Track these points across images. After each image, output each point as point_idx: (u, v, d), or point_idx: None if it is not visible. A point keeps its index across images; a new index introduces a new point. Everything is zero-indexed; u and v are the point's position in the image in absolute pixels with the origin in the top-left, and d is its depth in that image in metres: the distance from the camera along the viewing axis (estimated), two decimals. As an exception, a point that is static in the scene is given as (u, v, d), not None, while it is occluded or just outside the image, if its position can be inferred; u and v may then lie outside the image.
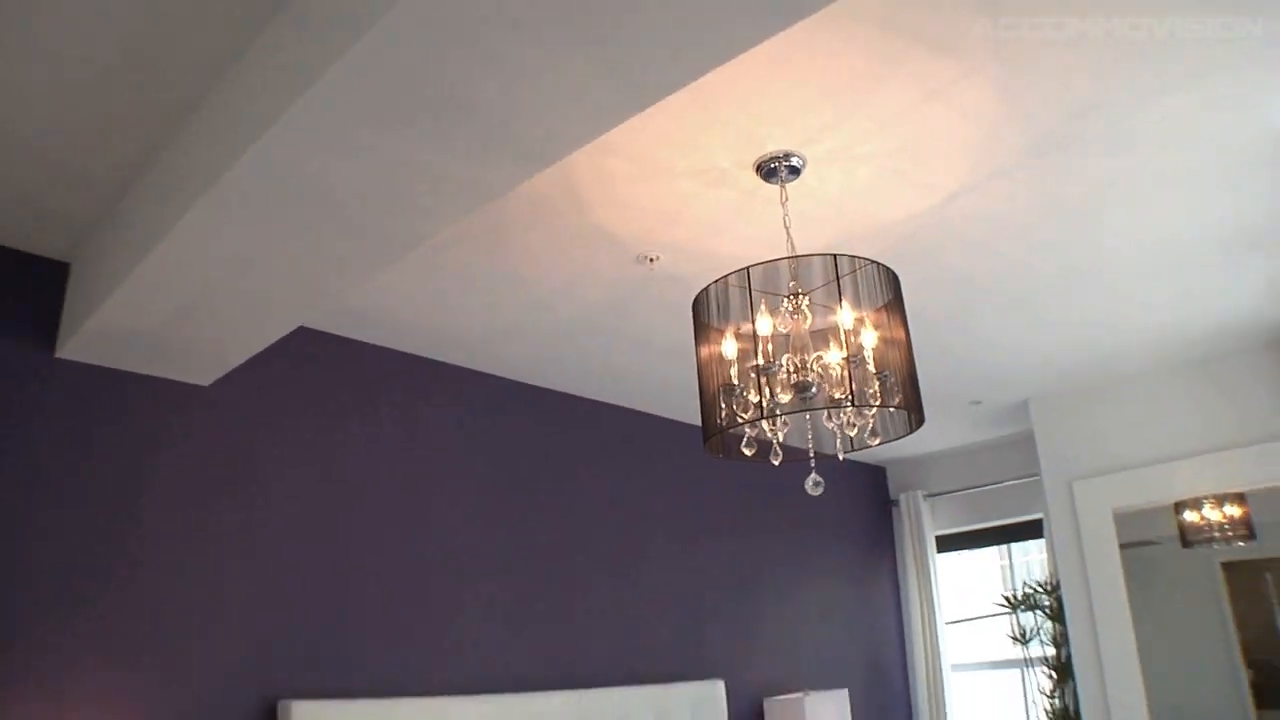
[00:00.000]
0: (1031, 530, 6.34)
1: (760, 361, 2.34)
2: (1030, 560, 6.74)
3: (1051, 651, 5.81)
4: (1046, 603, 5.88)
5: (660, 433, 5.08)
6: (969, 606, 6.74)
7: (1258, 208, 3.13)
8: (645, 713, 4.31)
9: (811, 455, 2.47)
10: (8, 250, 2.94)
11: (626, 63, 1.64)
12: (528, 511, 4.27)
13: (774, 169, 2.56)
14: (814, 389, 2.31)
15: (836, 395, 2.28)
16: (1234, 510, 5.17)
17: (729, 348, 2.42)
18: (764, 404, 2.32)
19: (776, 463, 2.43)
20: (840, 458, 2.47)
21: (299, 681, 3.34)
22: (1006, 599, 6.14)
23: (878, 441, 2.43)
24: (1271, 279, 3.77)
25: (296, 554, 3.43)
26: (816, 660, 5.68)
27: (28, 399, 2.87)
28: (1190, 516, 5.31)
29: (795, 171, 2.58)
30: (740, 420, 2.34)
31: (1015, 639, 6.03)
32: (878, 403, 2.30)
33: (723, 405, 2.39)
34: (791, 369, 2.32)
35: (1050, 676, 5.77)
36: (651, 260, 3.15)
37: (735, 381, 2.39)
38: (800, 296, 2.35)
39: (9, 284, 2.92)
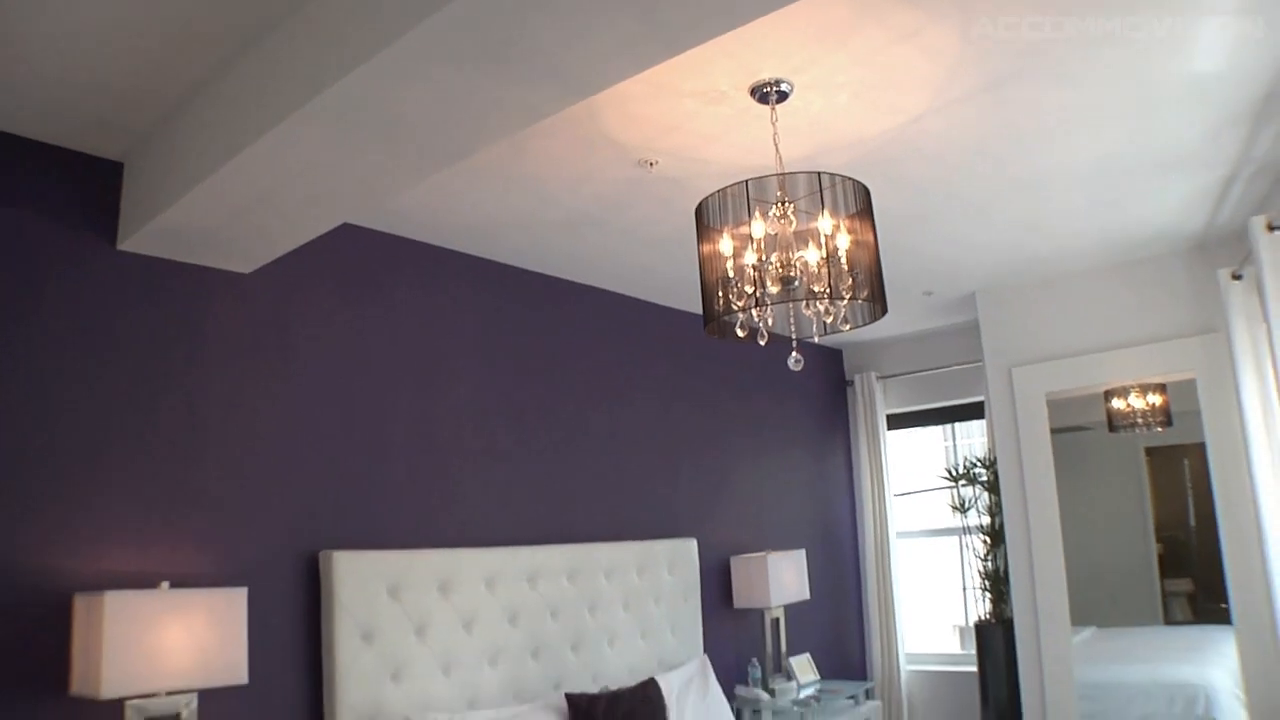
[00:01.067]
0: (973, 411, 6.66)
1: (754, 259, 2.70)
2: (972, 441, 7.02)
3: (986, 520, 6.17)
4: (984, 477, 6.22)
5: (646, 316, 5.36)
6: (915, 479, 7.08)
7: (1177, 136, 3.51)
8: (628, 565, 4.68)
9: (794, 338, 2.85)
10: (66, 151, 3.11)
11: (666, 18, 1.98)
12: (528, 387, 4.53)
13: (766, 93, 2.87)
14: (797, 283, 2.66)
15: (816, 289, 2.63)
16: (1155, 399, 5.44)
17: (726, 246, 2.75)
18: (756, 294, 2.68)
19: (763, 343, 2.81)
20: (816, 340, 2.90)
21: (335, 535, 3.64)
22: (949, 472, 6.48)
23: (849, 327, 2.81)
24: (1188, 196, 4.17)
25: (330, 424, 3.70)
26: (777, 524, 6.04)
27: (94, 287, 3.11)
28: (1118, 404, 5.56)
29: (784, 96, 2.89)
30: (735, 308, 2.71)
31: (955, 509, 6.38)
32: (849, 295, 2.65)
33: (720, 295, 2.75)
34: (779, 265, 2.67)
35: (985, 542, 6.15)
36: (651, 164, 3.45)
37: (731, 275, 2.74)
38: (787, 204, 2.69)
39: (69, 182, 3.11)
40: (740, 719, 5.17)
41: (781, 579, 5.40)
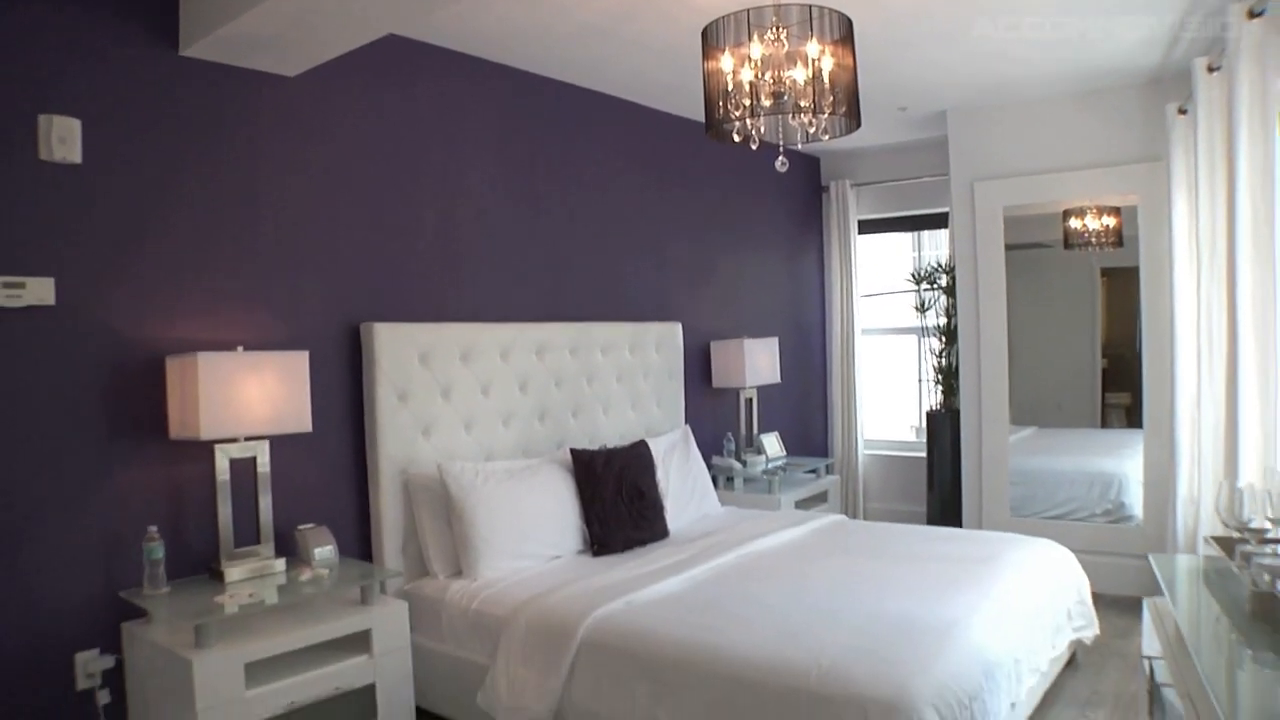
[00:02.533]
0: (938, 221, 7.05)
1: (750, 75, 3.09)
2: (939, 251, 7.42)
3: (944, 321, 6.71)
4: (944, 281, 6.71)
5: (643, 119, 5.62)
6: (881, 281, 7.52)
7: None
8: (621, 343, 5.18)
9: (781, 145, 3.32)
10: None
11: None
12: (538, 180, 4.88)
13: (767, -76, 3.22)
14: (786, 97, 3.06)
15: (802, 103, 3.04)
16: (1110, 221, 5.80)
17: (727, 64, 3.12)
18: (751, 105, 3.09)
19: (754, 147, 3.27)
20: (800, 147, 3.37)
21: (374, 308, 4.07)
22: (913, 275, 6.97)
23: (828, 137, 3.25)
24: (1145, 35, 4.55)
25: (367, 213, 4.06)
26: (753, 314, 6.53)
27: (160, 89, 3.41)
28: (1074, 224, 5.90)
29: (783, -70, 3.25)
30: (733, 117, 3.13)
31: (916, 309, 6.90)
32: (830, 111, 3.07)
33: (720, 105, 3.16)
34: (771, 82, 3.06)
35: (940, 340, 6.72)
36: (660, -17, 3.81)
37: (730, 89, 3.13)
38: (781, 30, 3.05)
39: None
40: (716, 485, 5.72)
41: (756, 363, 5.93)
